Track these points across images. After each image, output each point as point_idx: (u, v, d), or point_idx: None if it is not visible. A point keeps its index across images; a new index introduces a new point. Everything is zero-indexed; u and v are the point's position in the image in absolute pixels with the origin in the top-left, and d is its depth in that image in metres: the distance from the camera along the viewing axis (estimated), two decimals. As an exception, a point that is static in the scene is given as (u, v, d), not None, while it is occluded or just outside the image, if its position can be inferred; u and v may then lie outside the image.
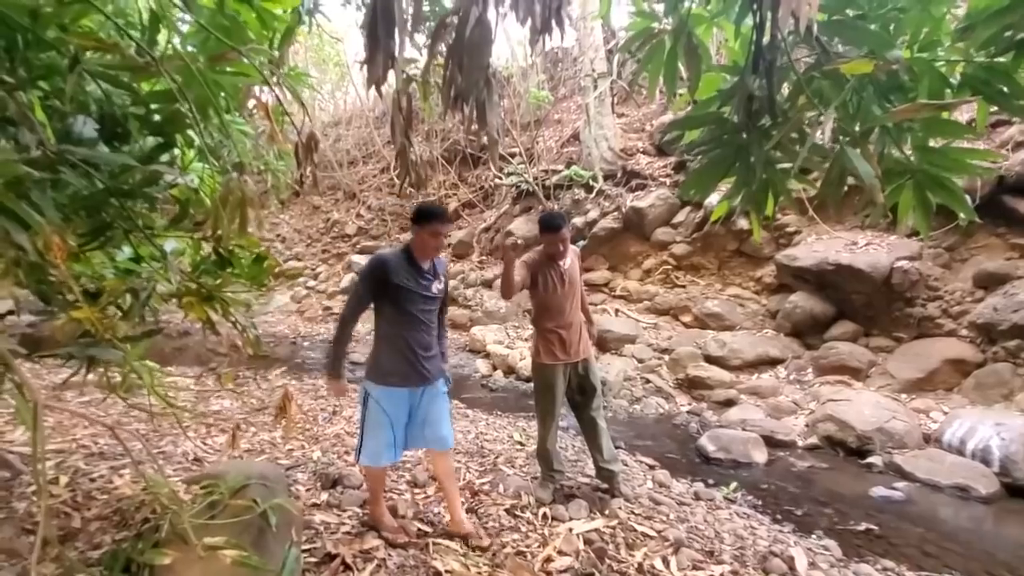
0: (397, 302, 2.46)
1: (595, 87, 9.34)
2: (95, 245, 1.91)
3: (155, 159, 1.88)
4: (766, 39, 1.69)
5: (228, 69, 1.87)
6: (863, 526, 3.33)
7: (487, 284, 10.19)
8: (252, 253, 2.07)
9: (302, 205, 15.55)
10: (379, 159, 14.58)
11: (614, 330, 7.17)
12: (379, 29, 1.35)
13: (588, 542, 2.67)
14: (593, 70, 9.32)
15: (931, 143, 1.84)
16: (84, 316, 1.76)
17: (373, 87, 1.55)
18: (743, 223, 7.54)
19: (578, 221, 9.28)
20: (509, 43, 12.44)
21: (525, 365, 6.91)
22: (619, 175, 9.30)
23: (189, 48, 2.03)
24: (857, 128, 1.73)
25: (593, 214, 9.17)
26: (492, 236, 11.00)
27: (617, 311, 8.16)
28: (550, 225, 3.09)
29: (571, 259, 3.22)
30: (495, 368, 7.27)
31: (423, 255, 2.51)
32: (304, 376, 6.77)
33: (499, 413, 5.36)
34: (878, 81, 1.80)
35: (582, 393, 3.27)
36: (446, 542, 2.57)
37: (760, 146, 1.85)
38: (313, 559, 2.40)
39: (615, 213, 8.87)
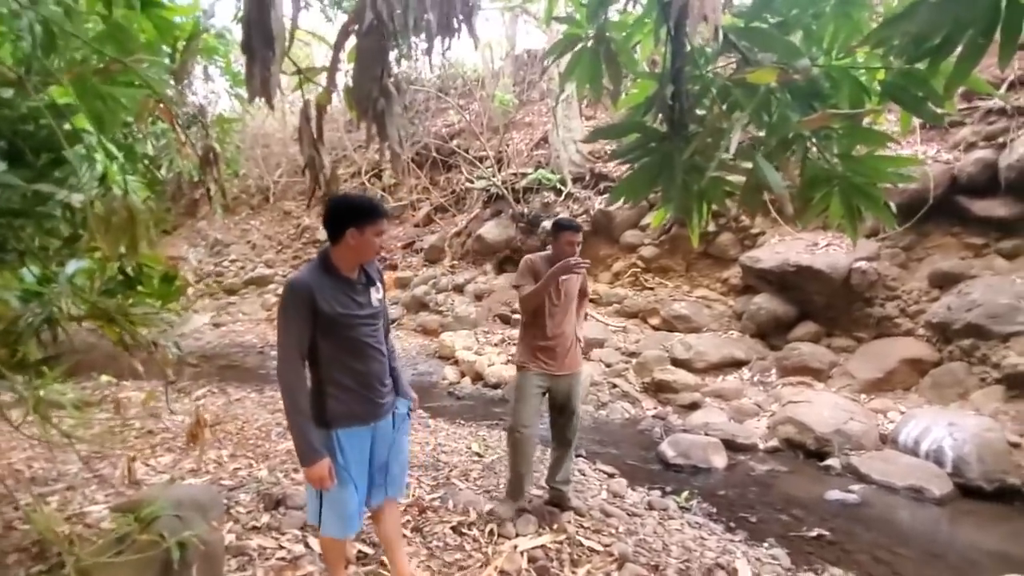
0: (335, 333, 1.93)
1: (562, 90, 9.31)
2: (-17, 268, 1.80)
3: (47, 177, 1.78)
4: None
5: (125, 80, 1.77)
6: (815, 532, 3.32)
7: (458, 289, 10.10)
8: (160, 272, 1.98)
9: (273, 211, 15.31)
10: (350, 163, 14.41)
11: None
12: (254, 41, 1.27)
13: (532, 559, 2.60)
14: (556, 68, 9.29)
15: (856, 151, 1.81)
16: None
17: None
18: (701, 222, 7.57)
19: (547, 224, 9.25)
20: (478, 46, 12.33)
21: (493, 371, 6.85)
22: (587, 178, 9.29)
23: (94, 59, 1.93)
24: (774, 138, 1.70)
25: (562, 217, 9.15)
26: (464, 240, 10.92)
27: (586, 315, 8.12)
28: (569, 224, 2.98)
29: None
30: (463, 375, 7.19)
31: (355, 262, 1.99)
32: (265, 388, 6.61)
33: (461, 422, 5.29)
34: (798, 89, 1.77)
35: (560, 413, 3.12)
36: (384, 572, 2.48)
37: (681, 154, 1.80)
38: (240, 588, 2.31)
39: (584, 216, 8.86)
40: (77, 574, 1.81)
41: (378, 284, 2.10)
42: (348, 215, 1.91)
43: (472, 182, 11.18)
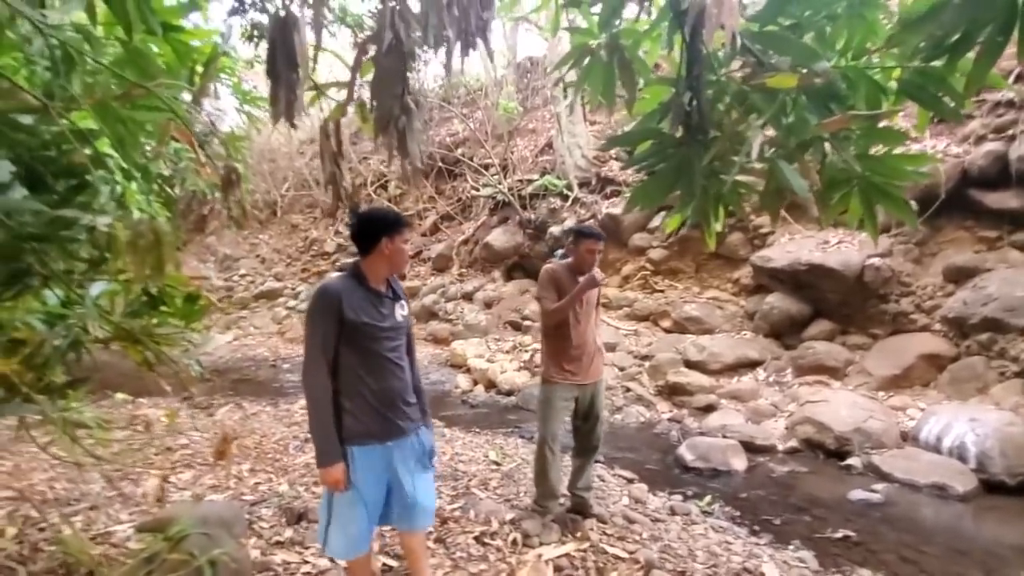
0: (356, 343, 1.93)
1: (565, 96, 9.35)
2: (11, 294, 1.82)
3: (70, 202, 1.80)
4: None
5: (146, 104, 1.79)
6: (841, 533, 3.29)
7: (467, 297, 10.11)
8: (184, 292, 1.99)
9: (281, 224, 15.40)
10: (356, 175, 14.48)
11: (594, 339, 7.12)
12: (279, 63, 1.28)
13: (557, 569, 2.59)
14: (562, 79, 9.34)
15: (873, 150, 1.81)
16: (0, 368, 1.68)
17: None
18: (717, 225, 7.56)
19: (555, 230, 9.26)
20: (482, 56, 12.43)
21: (506, 379, 6.84)
22: (593, 182, 9.31)
23: (112, 84, 1.96)
24: (793, 140, 1.70)
25: (569, 222, 9.15)
26: (471, 248, 10.95)
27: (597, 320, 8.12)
28: (591, 232, 2.98)
29: None
30: (476, 383, 7.19)
31: (386, 272, 2.03)
32: (280, 401, 6.63)
33: (477, 431, 5.28)
34: (815, 91, 1.77)
35: (585, 420, 3.10)
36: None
37: (700, 159, 1.80)
38: (268, 605, 2.31)
39: (591, 221, 8.85)
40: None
41: (403, 301, 2.11)
42: (380, 225, 1.97)
43: (478, 190, 11.21)
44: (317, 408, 1.91)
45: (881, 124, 1.81)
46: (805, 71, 1.52)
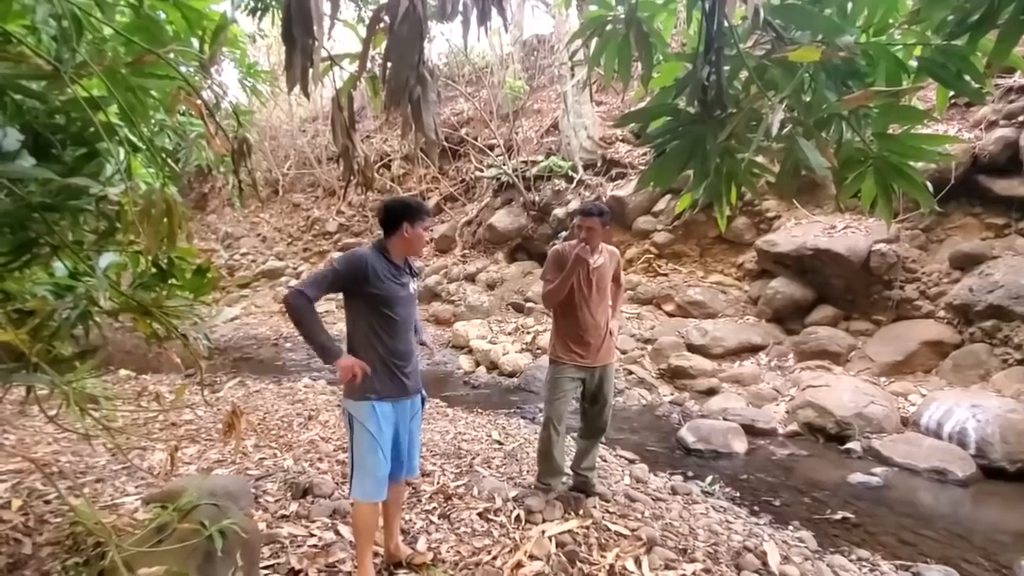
0: (377, 307, 2.20)
1: (572, 75, 9.24)
2: (19, 263, 1.81)
3: (79, 171, 1.78)
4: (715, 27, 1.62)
5: (155, 72, 1.77)
6: (840, 515, 3.32)
7: (470, 278, 10.11)
8: (193, 265, 1.98)
9: (282, 203, 15.33)
10: (356, 153, 14.36)
11: (596, 321, 7.13)
12: (295, 29, 1.26)
13: (560, 544, 2.62)
14: (576, 52, 9.21)
15: (890, 129, 1.78)
16: (9, 338, 1.67)
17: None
18: (736, 210, 7.52)
19: (559, 212, 9.22)
20: (487, 33, 12.23)
21: (508, 360, 6.86)
22: (599, 164, 9.23)
23: (120, 50, 1.92)
24: (812, 118, 1.67)
25: (574, 204, 9.11)
26: (474, 230, 10.91)
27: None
28: (581, 209, 2.95)
29: (604, 260, 3.06)
30: (478, 364, 7.21)
31: (405, 253, 2.33)
32: (283, 379, 6.67)
33: (480, 411, 5.31)
34: (834, 67, 1.73)
35: (593, 402, 3.10)
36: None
37: (715, 137, 1.78)
38: (277, 575, 2.34)
39: (596, 200, 8.81)
40: (122, 563, 1.84)
41: (416, 277, 2.43)
42: (404, 212, 2.24)
43: (482, 171, 11.13)
44: (305, 319, 2.09)
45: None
46: (827, 46, 1.49)
